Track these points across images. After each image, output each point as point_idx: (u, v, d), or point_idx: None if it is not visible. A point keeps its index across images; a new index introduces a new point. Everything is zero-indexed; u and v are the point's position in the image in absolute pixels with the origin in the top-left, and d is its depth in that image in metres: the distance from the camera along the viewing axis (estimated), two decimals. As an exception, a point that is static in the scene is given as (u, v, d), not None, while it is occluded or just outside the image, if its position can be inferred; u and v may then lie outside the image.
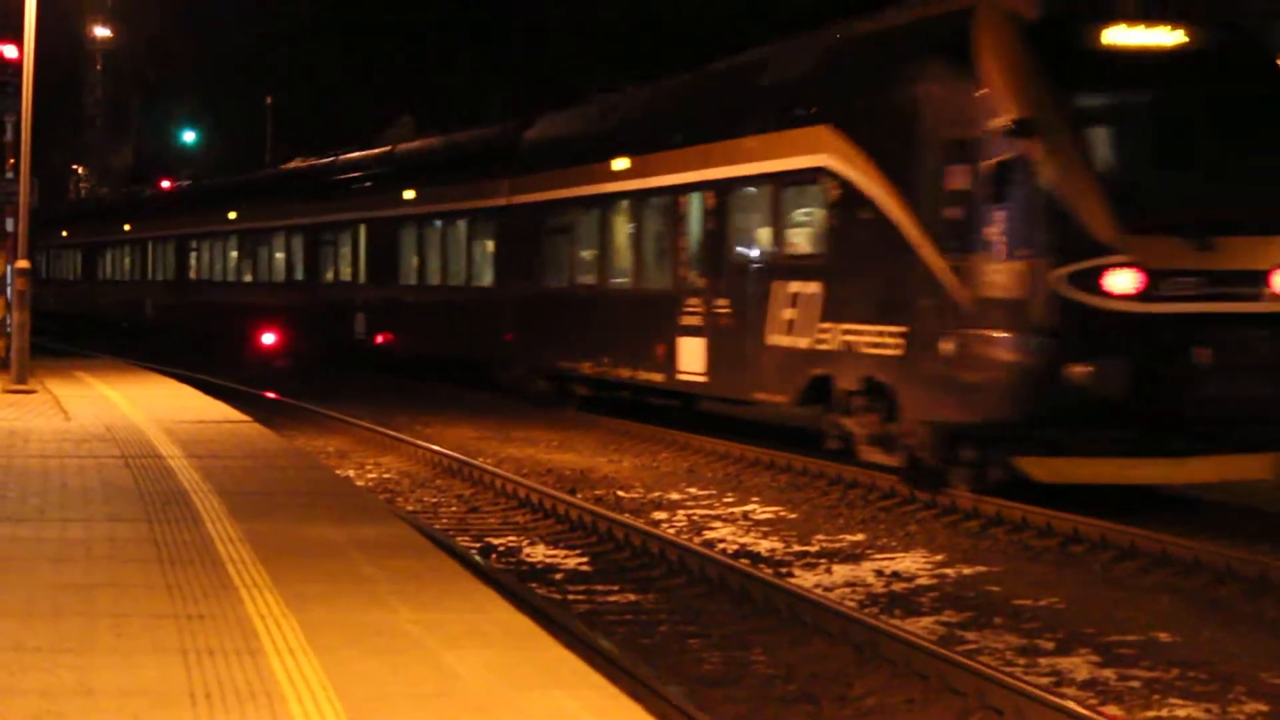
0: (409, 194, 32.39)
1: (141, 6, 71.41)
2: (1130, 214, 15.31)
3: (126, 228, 53.93)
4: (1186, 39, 16.37)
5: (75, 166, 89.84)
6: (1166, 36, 16.35)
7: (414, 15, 66.70)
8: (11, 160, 29.72)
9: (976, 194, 15.89)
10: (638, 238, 23.89)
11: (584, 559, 14.74)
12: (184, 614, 8.41)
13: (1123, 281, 15.23)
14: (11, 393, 22.65)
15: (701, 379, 21.66)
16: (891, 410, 17.48)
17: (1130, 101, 16.31)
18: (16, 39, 26.63)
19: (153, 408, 20.83)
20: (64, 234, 61.68)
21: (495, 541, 15.59)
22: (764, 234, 20.38)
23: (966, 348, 16.10)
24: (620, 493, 18.74)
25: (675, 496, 18.53)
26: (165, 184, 60.33)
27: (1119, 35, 16.22)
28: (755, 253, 20.55)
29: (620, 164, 24.00)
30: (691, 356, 21.78)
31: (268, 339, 38.60)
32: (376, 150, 37.02)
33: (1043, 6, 16.29)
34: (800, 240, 19.57)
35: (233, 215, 42.81)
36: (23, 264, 24.33)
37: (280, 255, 39.69)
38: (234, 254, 43.02)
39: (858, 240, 17.97)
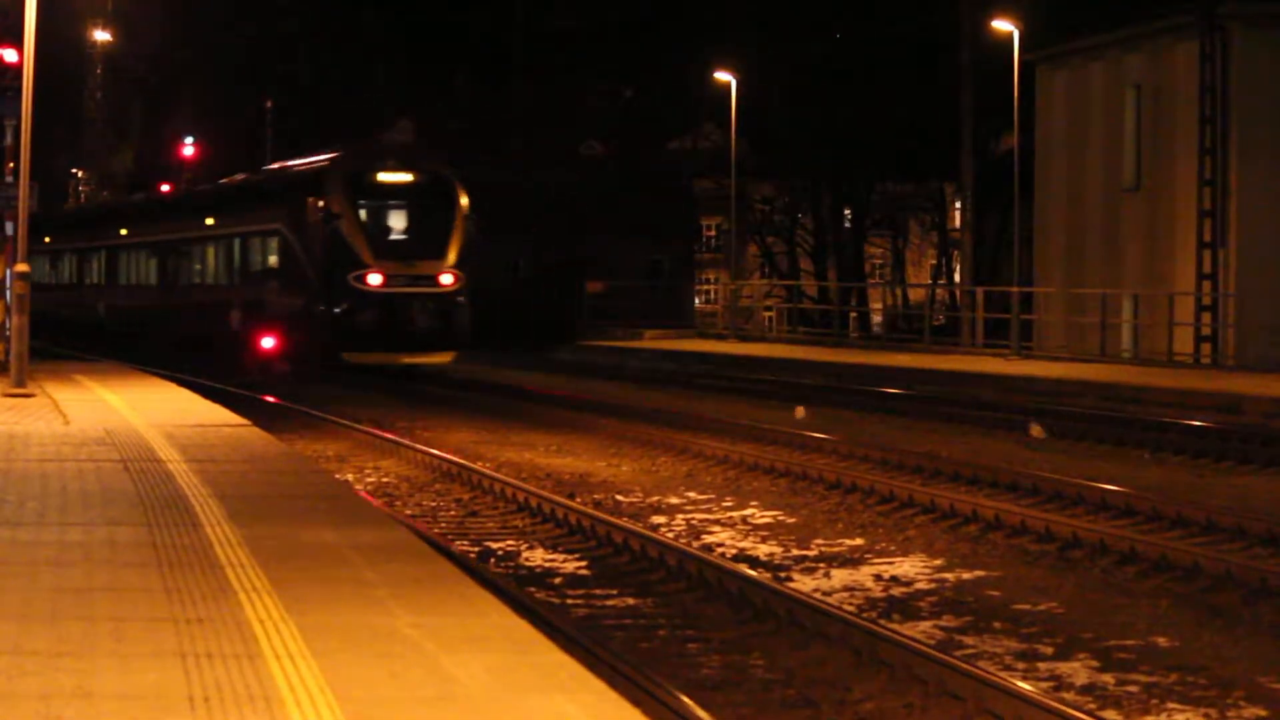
0: (123, 230, 50.98)
1: (142, 10, 71.32)
2: (377, 251, 34.05)
3: None
4: (411, 177, 35.26)
5: (75, 170, 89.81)
6: (402, 175, 35.31)
7: (413, 18, 66.67)
8: (11, 164, 29.70)
9: (325, 244, 34.32)
10: (217, 260, 42.04)
11: (583, 563, 14.75)
12: (183, 618, 8.41)
13: (374, 279, 33.85)
14: (10, 396, 22.63)
15: (243, 330, 38.16)
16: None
17: (382, 204, 35.04)
18: (16, 43, 26.62)
19: (152, 412, 20.82)
20: None
21: (494, 546, 15.60)
22: (260, 258, 38.62)
23: (324, 310, 34.46)
24: (619, 497, 18.75)
25: (674, 500, 18.53)
26: (165, 188, 60.63)
27: (382, 175, 35.19)
28: (259, 268, 38.57)
29: (210, 220, 42.42)
30: (243, 319, 38.36)
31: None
32: (112, 203, 63.83)
33: (353, 164, 35.41)
34: (273, 261, 37.56)
35: (47, 239, 59.56)
36: (22, 268, 24.32)
37: (68, 268, 58.10)
38: (47, 266, 60.31)
39: (291, 262, 36.10)
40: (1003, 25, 43.40)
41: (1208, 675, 10.75)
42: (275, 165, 41.83)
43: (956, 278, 64.02)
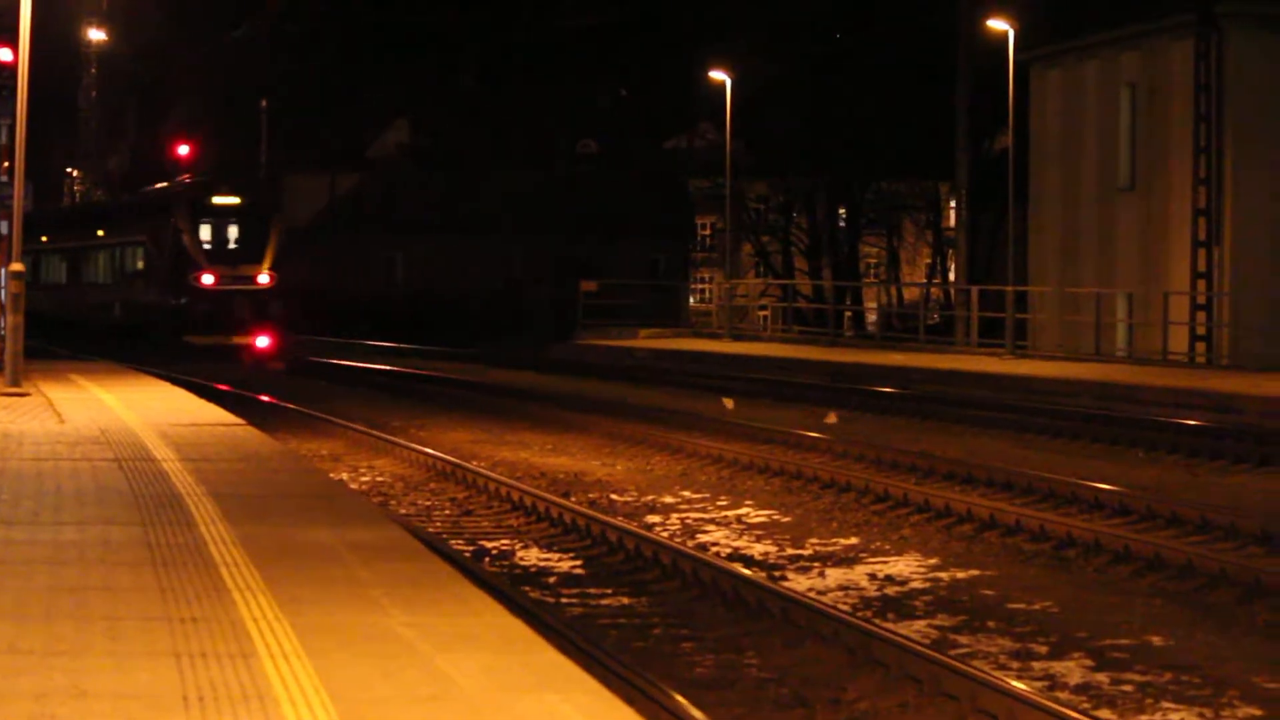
0: (44, 237, 57.96)
1: (137, 8, 71.30)
2: (211, 257, 42.79)
3: None
4: (238, 200, 43.64)
5: (70, 170, 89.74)
6: (231, 199, 43.59)
7: (412, 17, 66.65)
8: (6, 164, 29.67)
9: (173, 252, 43.28)
10: (115, 259, 50.62)
11: (577, 562, 14.75)
12: (177, 617, 8.41)
13: (207, 279, 42.32)
14: (5, 395, 22.63)
15: (121, 318, 47.79)
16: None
17: (216, 221, 43.37)
18: (11, 42, 26.61)
19: (147, 411, 20.82)
20: None
21: (489, 545, 15.60)
22: (132, 263, 47.98)
23: (172, 303, 43.09)
24: (614, 496, 18.76)
25: (669, 500, 18.54)
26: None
27: (216, 199, 43.52)
28: (131, 270, 48.09)
29: (101, 232, 51.58)
30: (121, 310, 48.06)
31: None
32: (36, 213, 72.87)
33: (194, 191, 44.96)
34: (140, 265, 46.69)
35: None
36: (17, 267, 24.31)
37: None
38: None
39: (150, 266, 45.75)
40: (998, 24, 43.40)
41: (1201, 674, 10.76)
42: (148, 188, 54.12)
43: (951, 277, 64.07)
